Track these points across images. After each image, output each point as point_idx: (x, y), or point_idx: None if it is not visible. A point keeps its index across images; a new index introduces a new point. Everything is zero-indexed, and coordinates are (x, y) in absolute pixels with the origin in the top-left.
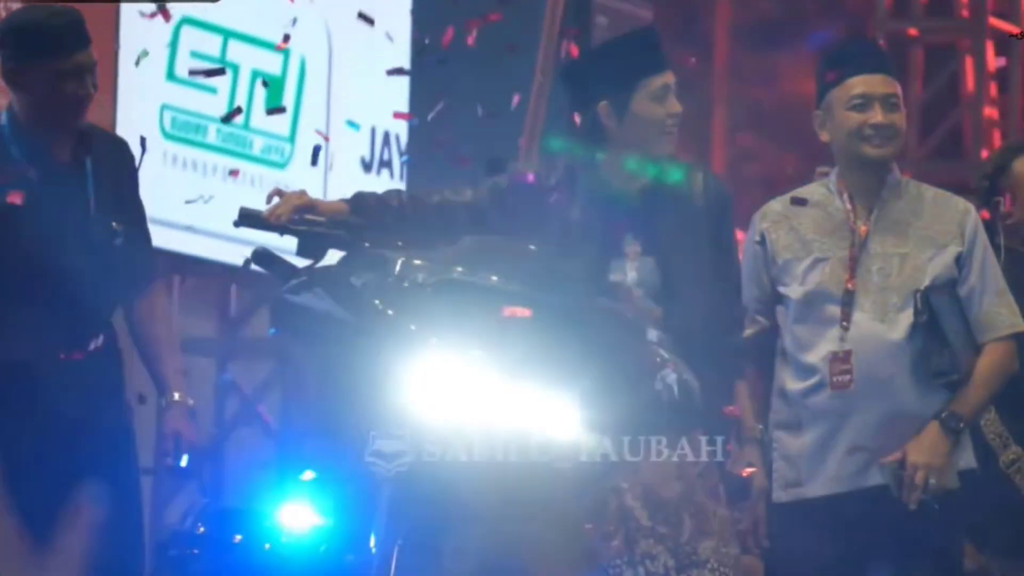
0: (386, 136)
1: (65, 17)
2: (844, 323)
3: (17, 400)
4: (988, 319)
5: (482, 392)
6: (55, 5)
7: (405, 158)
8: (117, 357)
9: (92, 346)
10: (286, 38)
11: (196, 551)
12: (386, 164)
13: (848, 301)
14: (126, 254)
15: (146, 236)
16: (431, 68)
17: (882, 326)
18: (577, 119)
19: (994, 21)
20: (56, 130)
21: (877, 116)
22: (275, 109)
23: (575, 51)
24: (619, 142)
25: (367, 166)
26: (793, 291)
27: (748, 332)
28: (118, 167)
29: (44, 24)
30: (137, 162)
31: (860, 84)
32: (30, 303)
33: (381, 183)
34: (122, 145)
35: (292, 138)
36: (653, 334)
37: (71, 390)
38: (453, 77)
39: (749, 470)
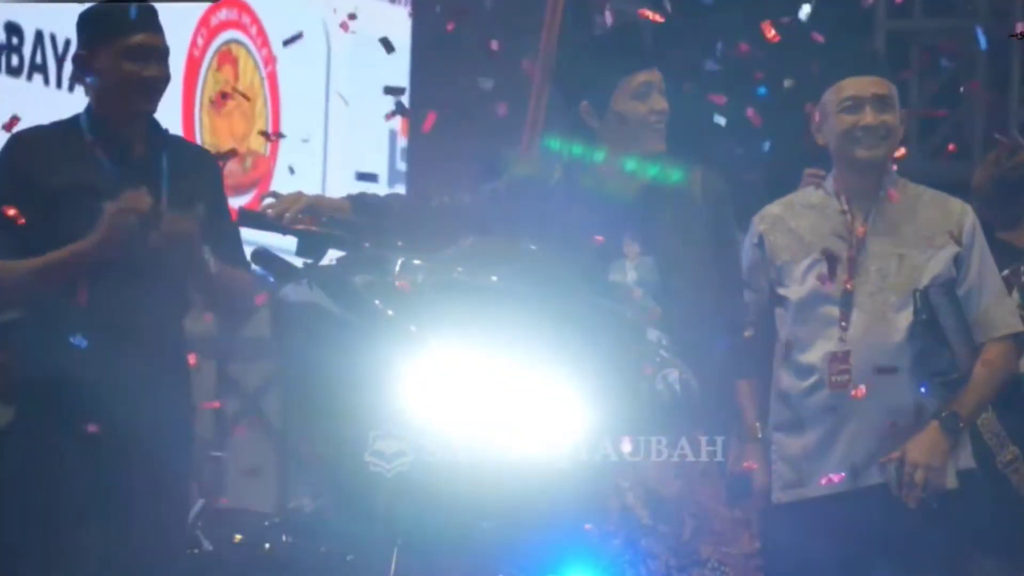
0: (48, 38)
1: (132, 3)
2: (843, 323)
3: (78, 398)
4: (986, 319)
5: (482, 392)
6: None
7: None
8: (182, 366)
9: (157, 349)
10: None
11: (196, 551)
12: (39, 68)
13: (847, 302)
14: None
15: (232, 245)
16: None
17: (881, 326)
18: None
19: (994, 21)
20: (127, 117)
21: (867, 118)
22: None
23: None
24: (606, 141)
25: (15, 70)
26: (792, 292)
27: (747, 333)
28: (197, 174)
29: (109, 8)
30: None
31: (851, 86)
32: (95, 292)
33: (33, 88)
34: (204, 155)
35: None
36: (653, 334)
37: (132, 392)
38: (452, 78)
39: (750, 464)
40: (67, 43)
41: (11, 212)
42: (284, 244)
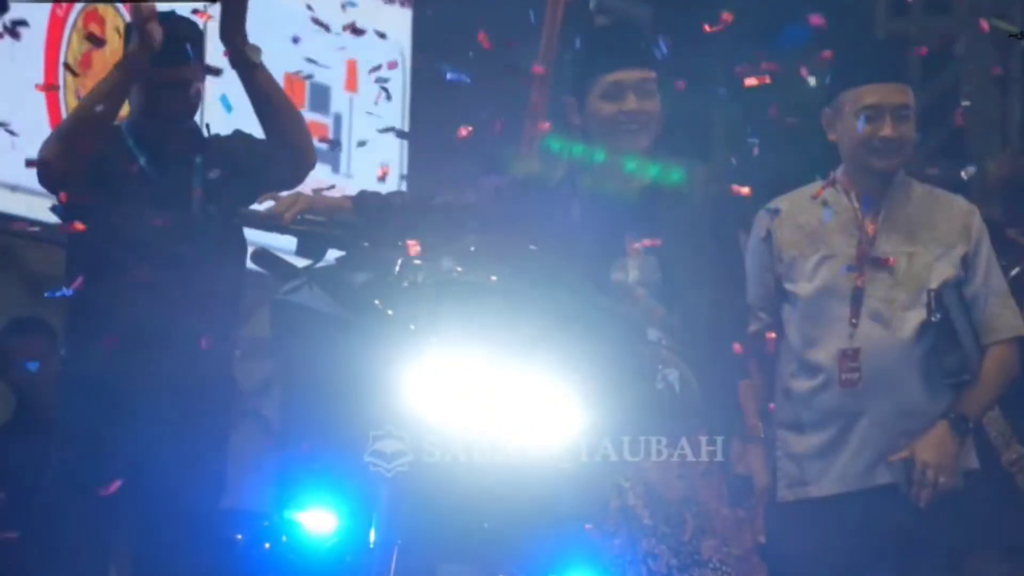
0: None
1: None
2: (853, 320)
3: (117, 402)
4: (992, 321)
5: (482, 392)
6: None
7: None
8: (224, 377)
9: (189, 339)
10: None
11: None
12: None
13: (857, 299)
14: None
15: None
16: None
17: (891, 324)
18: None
19: (994, 21)
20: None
21: (887, 129)
22: None
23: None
24: (587, 138)
25: None
26: (801, 288)
27: (752, 329)
28: (229, 156)
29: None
30: None
31: (873, 93)
32: (131, 282)
33: None
34: (243, 137)
35: None
36: (653, 333)
37: (170, 400)
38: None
39: (753, 464)
40: None
41: None
42: (284, 244)
